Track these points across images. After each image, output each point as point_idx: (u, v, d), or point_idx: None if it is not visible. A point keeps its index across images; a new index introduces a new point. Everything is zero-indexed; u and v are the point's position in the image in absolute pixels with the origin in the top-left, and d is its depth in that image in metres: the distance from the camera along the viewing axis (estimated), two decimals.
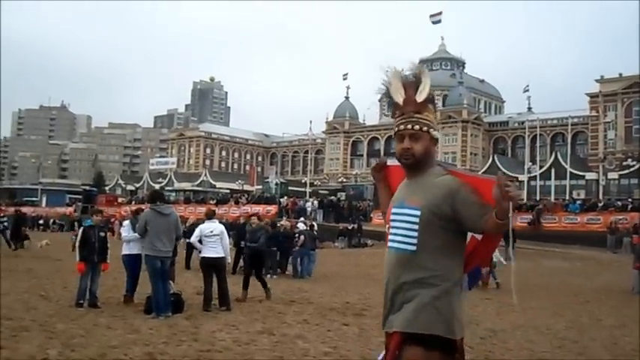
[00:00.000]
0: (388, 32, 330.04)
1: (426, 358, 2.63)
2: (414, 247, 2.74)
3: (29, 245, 24.61)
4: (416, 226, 2.75)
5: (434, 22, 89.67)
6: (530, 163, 54.87)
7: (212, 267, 10.38)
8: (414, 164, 2.84)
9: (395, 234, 2.84)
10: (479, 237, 2.74)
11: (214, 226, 10.58)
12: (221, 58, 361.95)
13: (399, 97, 2.85)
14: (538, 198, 44.79)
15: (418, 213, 2.75)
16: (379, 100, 3.23)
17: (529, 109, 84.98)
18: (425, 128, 2.81)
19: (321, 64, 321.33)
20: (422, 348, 2.64)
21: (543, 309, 12.11)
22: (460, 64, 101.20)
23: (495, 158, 67.26)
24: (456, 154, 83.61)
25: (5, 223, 24.14)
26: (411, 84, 2.84)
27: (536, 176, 52.06)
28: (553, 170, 51.14)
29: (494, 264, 16.07)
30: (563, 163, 54.14)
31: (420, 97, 2.81)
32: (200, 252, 10.89)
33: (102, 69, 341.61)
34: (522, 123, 73.62)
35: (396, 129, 2.87)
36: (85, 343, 7.15)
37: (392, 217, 2.88)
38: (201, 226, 10.90)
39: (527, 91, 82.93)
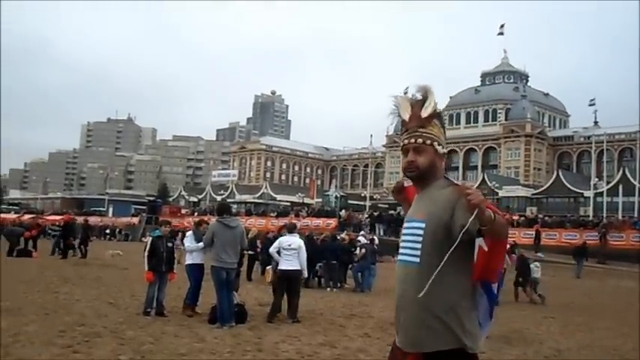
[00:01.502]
0: (449, 46, 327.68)
1: None
2: (418, 260, 2.75)
3: (72, 255, 24.19)
4: (420, 239, 2.76)
5: (499, 34, 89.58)
6: (597, 179, 53.42)
7: (285, 279, 10.53)
8: (418, 177, 2.88)
9: (403, 247, 2.87)
10: (486, 248, 2.68)
11: (293, 240, 10.75)
12: (282, 72, 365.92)
13: (406, 115, 2.93)
14: (605, 215, 43.59)
15: (423, 225, 2.77)
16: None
17: (595, 123, 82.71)
18: (428, 142, 2.85)
19: (382, 77, 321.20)
20: None
21: (610, 329, 11.82)
22: (524, 77, 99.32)
23: (560, 173, 65.83)
24: (519, 168, 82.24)
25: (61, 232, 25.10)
26: (418, 102, 2.92)
27: (602, 192, 50.66)
28: (621, 186, 49.48)
29: (537, 279, 16.09)
30: (631, 179, 52.57)
31: (425, 113, 2.86)
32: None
33: (167, 83, 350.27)
34: (588, 137, 71.83)
35: (401, 144, 2.95)
36: (155, 350, 7.41)
37: (403, 231, 2.93)
38: (281, 239, 11.14)
39: (594, 104, 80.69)
